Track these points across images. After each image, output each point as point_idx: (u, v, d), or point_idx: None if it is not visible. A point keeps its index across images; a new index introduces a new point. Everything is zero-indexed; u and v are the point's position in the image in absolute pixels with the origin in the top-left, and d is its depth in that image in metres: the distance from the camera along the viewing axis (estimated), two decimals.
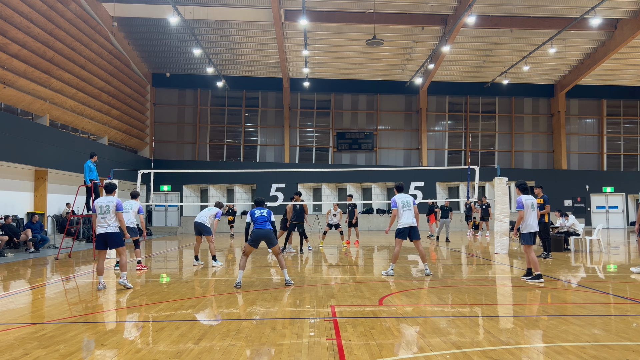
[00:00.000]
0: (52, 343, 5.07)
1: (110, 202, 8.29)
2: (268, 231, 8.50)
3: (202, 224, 11.58)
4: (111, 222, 8.24)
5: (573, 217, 15.34)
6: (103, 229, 8.21)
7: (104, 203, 8.29)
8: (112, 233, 8.23)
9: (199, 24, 24.98)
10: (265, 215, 8.61)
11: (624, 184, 30.90)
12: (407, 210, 9.54)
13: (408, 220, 9.47)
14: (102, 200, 8.37)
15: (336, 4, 23.40)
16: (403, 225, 9.52)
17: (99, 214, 8.24)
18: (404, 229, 9.53)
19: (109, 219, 8.23)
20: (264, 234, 8.47)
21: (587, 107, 32.59)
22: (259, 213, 8.63)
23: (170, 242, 21.39)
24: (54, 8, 19.47)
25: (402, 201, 9.59)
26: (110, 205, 8.27)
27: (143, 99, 29.91)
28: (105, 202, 8.29)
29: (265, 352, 4.74)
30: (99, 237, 8.28)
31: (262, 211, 8.68)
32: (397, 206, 9.55)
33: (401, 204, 9.56)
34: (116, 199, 8.37)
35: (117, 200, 8.37)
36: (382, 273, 9.77)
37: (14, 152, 16.26)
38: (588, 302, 6.98)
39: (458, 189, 30.20)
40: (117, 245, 8.36)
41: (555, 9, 23.37)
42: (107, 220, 8.22)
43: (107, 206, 8.25)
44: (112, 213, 8.24)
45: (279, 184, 28.84)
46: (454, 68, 29.52)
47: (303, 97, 31.54)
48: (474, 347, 4.78)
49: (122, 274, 8.44)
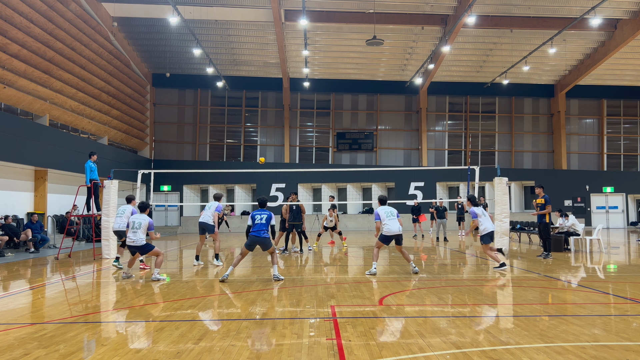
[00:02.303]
0: (52, 343, 5.07)
1: (143, 221, 9.33)
2: (263, 239, 9.07)
3: (206, 223, 11.71)
4: (139, 237, 9.24)
5: (573, 217, 15.34)
6: (131, 242, 9.30)
7: (136, 220, 9.36)
8: (139, 246, 9.31)
9: (199, 24, 24.99)
10: (264, 223, 9.09)
11: (624, 184, 30.90)
12: (392, 219, 9.64)
13: (394, 228, 9.57)
14: (136, 217, 9.43)
15: (336, 4, 23.41)
16: (389, 233, 9.61)
17: (131, 228, 9.32)
18: (389, 237, 9.66)
19: (139, 234, 9.24)
20: (259, 240, 9.07)
21: (587, 107, 32.59)
22: (259, 219, 9.11)
23: (171, 242, 21.39)
24: (54, 8, 19.47)
25: (385, 212, 9.73)
26: (143, 222, 9.31)
27: (143, 99, 29.91)
28: (138, 220, 9.36)
29: (265, 352, 4.74)
30: (130, 247, 9.40)
31: (262, 216, 9.11)
32: (379, 218, 9.71)
33: (385, 214, 9.69)
34: (149, 219, 9.39)
35: (150, 220, 9.41)
36: (366, 273, 9.84)
37: (14, 152, 16.26)
38: (588, 302, 6.98)
39: (458, 189, 30.20)
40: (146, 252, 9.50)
41: (555, 9, 23.37)
42: (137, 235, 9.24)
43: (139, 223, 9.29)
44: (142, 230, 9.28)
45: (279, 184, 28.84)
46: (454, 68, 29.52)
47: (303, 97, 31.54)
48: (474, 347, 4.78)
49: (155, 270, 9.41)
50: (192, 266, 11.83)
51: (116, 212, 11.90)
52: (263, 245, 9.08)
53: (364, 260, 12.96)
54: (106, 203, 14.05)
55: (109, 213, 13.84)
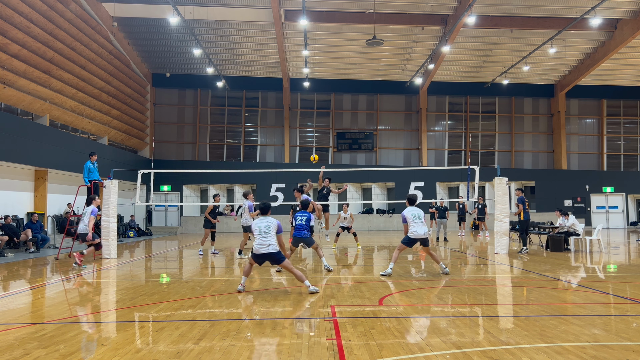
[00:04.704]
0: (52, 343, 5.07)
1: (271, 223, 8.02)
2: (304, 238, 10.00)
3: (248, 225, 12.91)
4: (272, 241, 7.96)
5: (573, 217, 15.33)
6: (264, 249, 7.88)
7: (263, 224, 8.00)
8: (272, 253, 7.90)
9: (199, 24, 24.99)
10: (304, 224, 9.97)
11: (624, 184, 30.91)
12: (418, 222, 9.53)
13: (420, 231, 9.47)
14: (261, 221, 8.06)
15: (336, 4, 23.41)
16: (414, 237, 9.51)
17: (259, 235, 7.95)
18: (414, 240, 9.56)
19: (270, 239, 7.94)
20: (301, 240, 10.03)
21: (587, 107, 32.59)
22: (299, 220, 10.02)
23: (170, 242, 21.39)
24: (54, 8, 19.47)
25: (412, 214, 9.60)
26: (271, 225, 8.00)
27: (143, 99, 29.91)
28: (265, 223, 8.00)
29: (265, 352, 4.74)
30: (258, 256, 7.97)
31: (302, 218, 10.00)
32: (406, 222, 9.59)
33: (412, 217, 9.57)
34: (276, 221, 8.12)
35: (277, 222, 8.14)
36: (381, 274, 9.76)
37: (14, 152, 16.27)
38: (588, 302, 6.98)
39: (458, 189, 30.21)
40: (279, 263, 8.04)
41: (555, 9, 23.38)
42: (268, 240, 7.91)
43: (267, 226, 7.97)
44: (272, 233, 7.98)
45: (278, 184, 28.84)
46: (454, 68, 29.52)
47: (303, 97, 31.54)
48: (474, 347, 4.78)
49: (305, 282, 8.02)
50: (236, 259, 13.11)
51: None
52: (306, 243, 9.99)
53: (364, 260, 12.96)
54: (106, 203, 14.05)
55: (109, 213, 13.84)
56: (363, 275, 9.87)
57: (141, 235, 24.94)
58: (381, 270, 10.29)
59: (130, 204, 25.26)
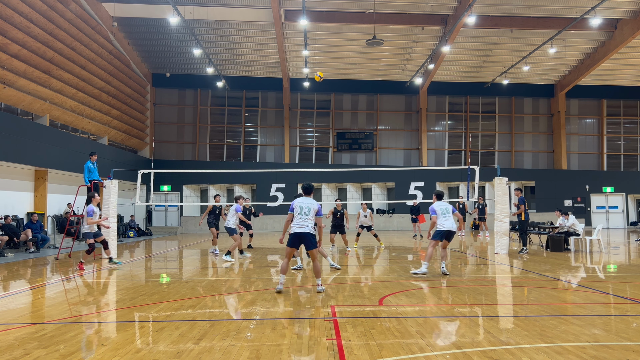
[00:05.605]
0: (52, 343, 5.07)
1: (312, 205, 7.96)
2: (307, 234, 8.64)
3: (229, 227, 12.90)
4: (309, 223, 7.88)
5: (573, 217, 15.33)
6: (301, 229, 7.80)
7: (304, 204, 7.94)
8: (308, 234, 7.82)
9: (199, 24, 24.99)
10: None
11: (624, 184, 30.90)
12: (447, 216, 9.80)
13: (447, 224, 9.75)
14: (303, 201, 7.99)
15: (336, 4, 23.41)
16: (442, 228, 9.78)
17: (298, 214, 7.88)
18: (442, 232, 9.79)
19: (308, 220, 7.87)
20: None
21: (587, 107, 32.59)
22: None
23: (170, 242, 21.39)
24: (54, 8, 19.47)
25: (440, 208, 9.89)
26: (312, 207, 7.94)
27: (143, 99, 29.91)
28: (307, 204, 7.94)
29: (265, 352, 4.73)
30: (294, 235, 7.85)
31: None
32: (435, 213, 9.87)
33: (440, 211, 9.86)
34: (317, 203, 8.04)
35: (318, 205, 8.07)
36: (413, 272, 9.87)
37: (14, 152, 16.26)
38: (588, 302, 6.98)
39: (458, 189, 30.20)
40: (311, 247, 7.89)
41: (555, 9, 23.37)
42: (306, 221, 7.86)
43: (307, 207, 7.91)
44: (311, 215, 7.91)
45: (279, 184, 28.84)
46: (454, 68, 29.52)
47: (303, 97, 31.54)
48: (474, 347, 4.78)
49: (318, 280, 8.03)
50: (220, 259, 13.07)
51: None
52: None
53: (364, 260, 12.95)
54: (106, 203, 14.04)
55: (109, 213, 13.83)
56: (363, 275, 9.86)
57: (141, 235, 24.94)
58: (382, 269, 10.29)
59: (130, 204, 25.26)
